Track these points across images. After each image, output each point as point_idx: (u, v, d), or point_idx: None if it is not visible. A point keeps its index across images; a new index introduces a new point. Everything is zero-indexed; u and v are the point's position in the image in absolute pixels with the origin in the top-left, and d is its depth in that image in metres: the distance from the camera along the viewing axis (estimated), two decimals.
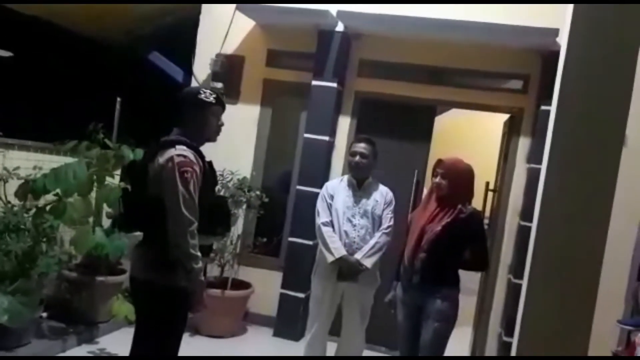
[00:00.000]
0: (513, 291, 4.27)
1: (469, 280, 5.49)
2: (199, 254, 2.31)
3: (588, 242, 2.35)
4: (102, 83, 5.87)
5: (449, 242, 3.00)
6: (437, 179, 3.11)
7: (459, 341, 4.86)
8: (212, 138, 2.58)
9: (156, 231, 2.33)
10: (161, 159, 2.34)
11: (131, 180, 2.53)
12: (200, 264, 2.32)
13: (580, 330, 2.38)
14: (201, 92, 2.50)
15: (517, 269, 4.28)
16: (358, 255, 3.46)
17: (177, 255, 2.29)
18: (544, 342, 2.40)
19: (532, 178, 4.23)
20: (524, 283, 2.61)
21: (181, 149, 2.36)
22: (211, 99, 2.50)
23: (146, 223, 2.41)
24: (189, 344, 4.38)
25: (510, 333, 3.43)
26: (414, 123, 4.88)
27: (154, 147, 2.44)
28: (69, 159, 4.04)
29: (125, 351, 2.59)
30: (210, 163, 2.54)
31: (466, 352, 4.88)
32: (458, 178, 3.06)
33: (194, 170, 2.33)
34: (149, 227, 2.41)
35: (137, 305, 2.58)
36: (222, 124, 2.59)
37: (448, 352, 3.19)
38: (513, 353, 2.64)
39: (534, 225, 2.54)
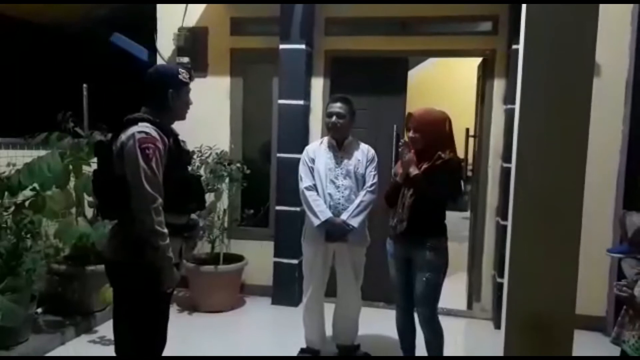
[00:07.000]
0: (502, 233, 4.31)
1: (463, 228, 5.58)
2: (165, 230, 2.28)
3: (567, 176, 2.36)
4: (66, 70, 5.71)
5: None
6: (411, 134, 3.09)
7: (456, 286, 4.97)
8: (183, 116, 2.56)
9: (123, 210, 2.30)
10: (123, 137, 2.31)
11: (98, 160, 2.48)
12: (167, 241, 2.29)
13: (568, 263, 2.41)
14: (180, 71, 2.48)
15: (503, 211, 4.31)
16: (344, 216, 3.45)
17: (142, 233, 2.26)
18: (533, 278, 2.43)
19: (510, 119, 4.21)
20: (509, 223, 2.62)
21: (144, 126, 2.32)
22: (187, 78, 2.49)
23: (114, 203, 2.37)
24: (188, 322, 4.43)
25: (503, 274, 3.47)
26: (388, 77, 4.82)
27: (119, 126, 2.39)
28: (41, 152, 3.96)
29: None
30: (177, 140, 2.50)
31: (463, 297, 4.96)
32: (430, 128, 3.04)
33: (157, 147, 2.29)
34: (117, 207, 2.37)
35: (112, 287, 2.55)
36: (192, 103, 2.56)
37: (445, 299, 3.25)
38: (505, 293, 2.67)
39: (512, 165, 2.53)
